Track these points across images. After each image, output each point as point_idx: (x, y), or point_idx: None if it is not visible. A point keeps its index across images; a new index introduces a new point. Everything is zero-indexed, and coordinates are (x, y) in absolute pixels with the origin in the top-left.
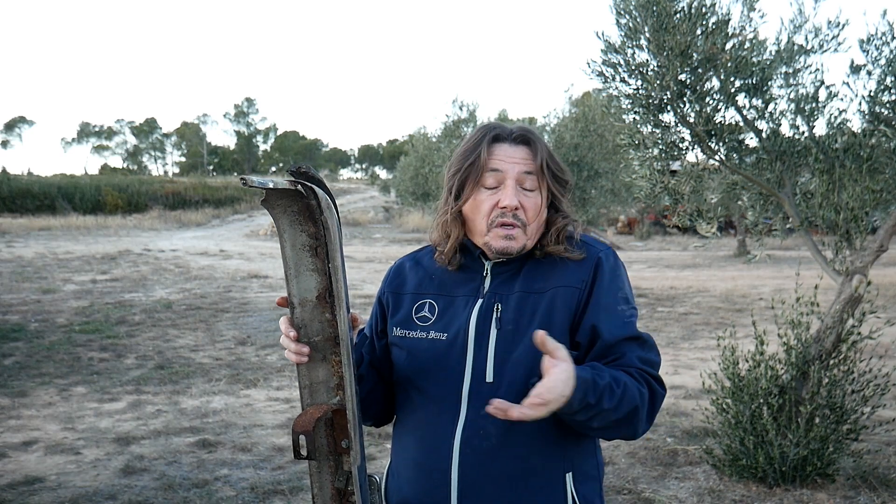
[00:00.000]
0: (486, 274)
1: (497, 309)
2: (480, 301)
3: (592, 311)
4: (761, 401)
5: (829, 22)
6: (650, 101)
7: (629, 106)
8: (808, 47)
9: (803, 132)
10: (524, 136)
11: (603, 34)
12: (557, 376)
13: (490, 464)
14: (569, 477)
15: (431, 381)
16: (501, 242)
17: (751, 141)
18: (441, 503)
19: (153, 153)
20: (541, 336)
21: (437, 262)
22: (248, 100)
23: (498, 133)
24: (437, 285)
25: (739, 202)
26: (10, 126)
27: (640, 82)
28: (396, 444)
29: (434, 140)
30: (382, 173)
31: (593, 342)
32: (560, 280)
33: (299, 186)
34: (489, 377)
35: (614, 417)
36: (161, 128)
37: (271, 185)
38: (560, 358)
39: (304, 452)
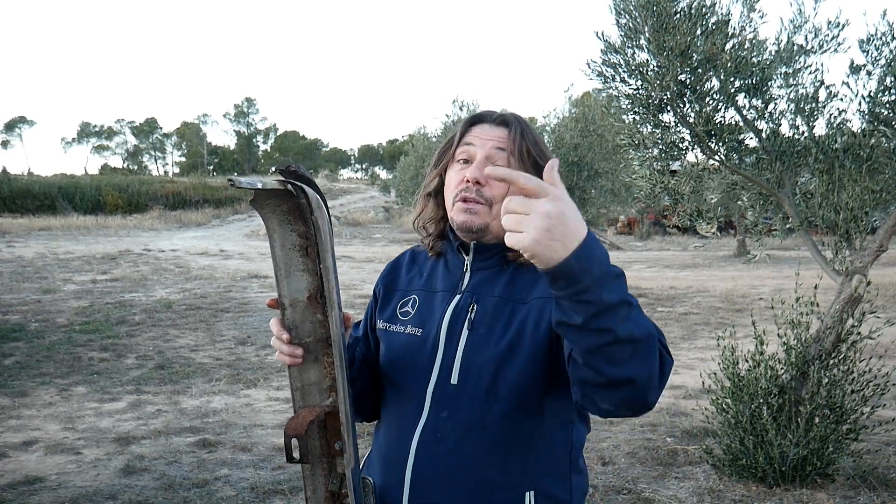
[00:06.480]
0: (466, 269)
1: (472, 310)
2: (457, 297)
3: None
4: (761, 401)
5: (829, 22)
6: (650, 101)
7: (629, 106)
8: (808, 47)
9: (803, 132)
10: (505, 118)
11: (603, 34)
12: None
13: (443, 469)
14: (529, 496)
15: (402, 375)
16: (462, 216)
17: (751, 141)
18: (396, 498)
19: (153, 153)
20: (551, 163)
21: (423, 245)
22: (248, 100)
23: (480, 115)
24: (424, 281)
25: (739, 202)
26: (10, 126)
27: (640, 82)
28: (375, 434)
29: (434, 140)
30: (382, 173)
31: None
32: (542, 291)
33: (289, 186)
34: (454, 379)
35: (638, 333)
36: (161, 128)
37: (259, 186)
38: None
39: (296, 456)
